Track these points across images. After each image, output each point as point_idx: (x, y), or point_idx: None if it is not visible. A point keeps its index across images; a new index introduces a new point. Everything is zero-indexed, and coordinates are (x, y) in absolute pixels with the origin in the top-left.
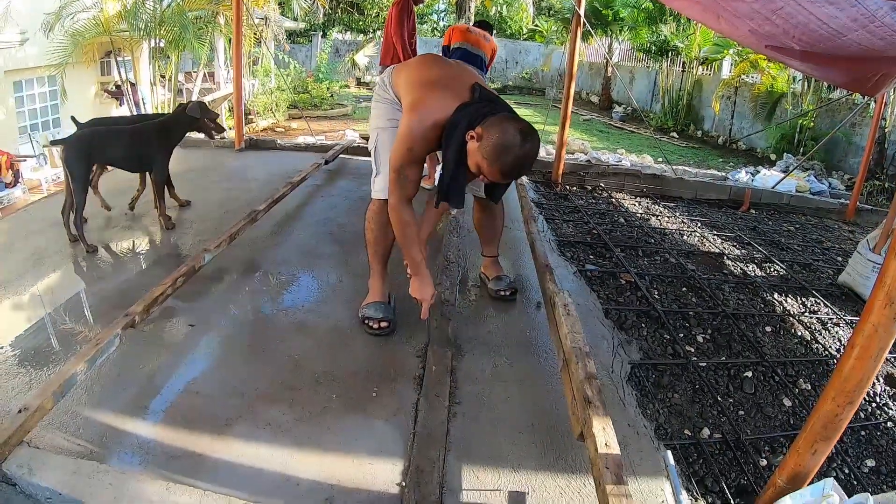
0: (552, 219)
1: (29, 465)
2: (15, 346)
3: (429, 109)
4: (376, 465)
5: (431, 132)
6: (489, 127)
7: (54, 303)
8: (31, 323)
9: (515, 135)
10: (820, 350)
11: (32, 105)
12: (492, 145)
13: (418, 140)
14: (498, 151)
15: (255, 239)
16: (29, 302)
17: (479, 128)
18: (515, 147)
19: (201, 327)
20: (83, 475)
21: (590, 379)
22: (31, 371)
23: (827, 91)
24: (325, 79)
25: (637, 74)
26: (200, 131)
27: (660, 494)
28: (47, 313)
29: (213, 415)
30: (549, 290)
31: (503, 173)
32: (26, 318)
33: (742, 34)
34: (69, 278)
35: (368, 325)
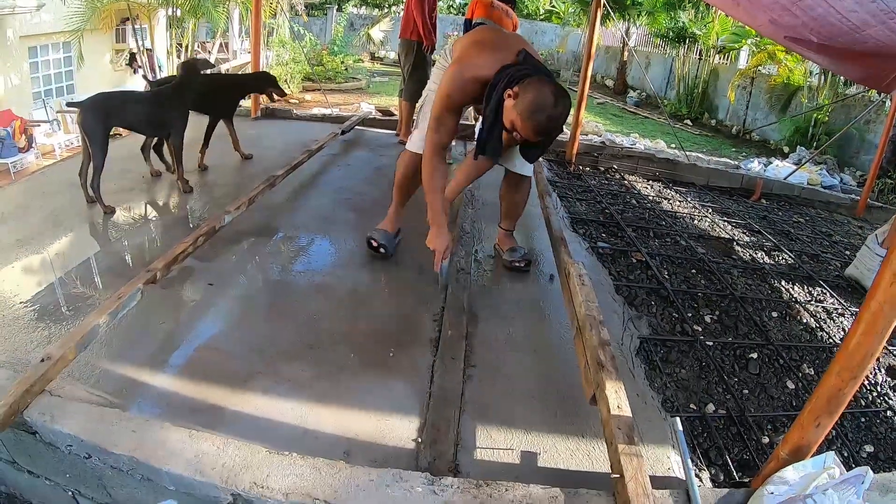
0: (565, 197)
1: (51, 413)
2: (34, 301)
3: (471, 64)
4: (393, 422)
5: (470, 85)
6: (526, 87)
7: (72, 261)
8: (50, 280)
9: (549, 96)
10: (824, 338)
11: (47, 71)
12: (527, 104)
13: (456, 89)
14: (532, 110)
15: (273, 204)
16: (47, 260)
17: (517, 87)
18: (549, 107)
19: (220, 287)
20: (106, 422)
21: (603, 345)
22: (51, 325)
23: (843, 86)
24: (339, 52)
25: (653, 60)
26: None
27: (666, 462)
28: (65, 271)
29: (233, 370)
30: (564, 262)
31: (535, 131)
32: (45, 275)
33: (761, 23)
34: (86, 238)
35: (370, 242)
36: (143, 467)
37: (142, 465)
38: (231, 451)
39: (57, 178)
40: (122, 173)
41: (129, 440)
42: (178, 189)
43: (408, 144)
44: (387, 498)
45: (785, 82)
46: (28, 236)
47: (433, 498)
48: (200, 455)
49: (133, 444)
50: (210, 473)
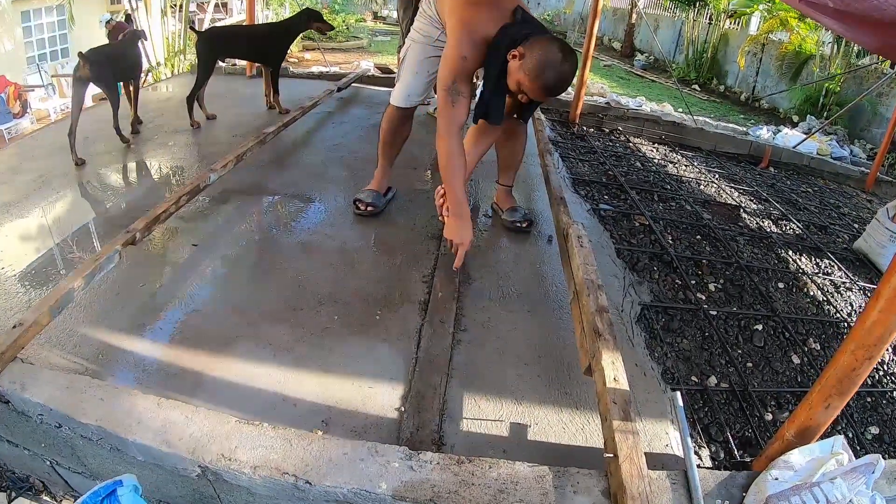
0: (567, 157)
1: (22, 381)
2: (16, 265)
3: (479, 22)
4: (376, 389)
5: (482, 45)
6: (531, 46)
7: (58, 223)
8: (34, 243)
9: (557, 53)
10: (831, 312)
11: (41, 35)
12: (534, 63)
13: (471, 50)
14: (540, 68)
15: (263, 162)
16: (32, 222)
17: (520, 47)
18: (557, 64)
19: (205, 247)
20: (75, 390)
21: (601, 312)
22: (31, 290)
23: (856, 57)
24: (341, 11)
25: (662, 23)
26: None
27: (664, 437)
28: (50, 233)
29: (214, 334)
30: (562, 222)
31: (545, 89)
32: (29, 238)
33: None
34: (73, 199)
35: (356, 205)
36: (110, 437)
37: (109, 435)
38: (199, 420)
39: (47, 140)
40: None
41: (97, 409)
42: (168, 148)
43: (391, 98)
44: (360, 473)
45: (797, 50)
46: (14, 199)
47: (410, 475)
48: (168, 424)
49: (101, 413)
50: (177, 444)
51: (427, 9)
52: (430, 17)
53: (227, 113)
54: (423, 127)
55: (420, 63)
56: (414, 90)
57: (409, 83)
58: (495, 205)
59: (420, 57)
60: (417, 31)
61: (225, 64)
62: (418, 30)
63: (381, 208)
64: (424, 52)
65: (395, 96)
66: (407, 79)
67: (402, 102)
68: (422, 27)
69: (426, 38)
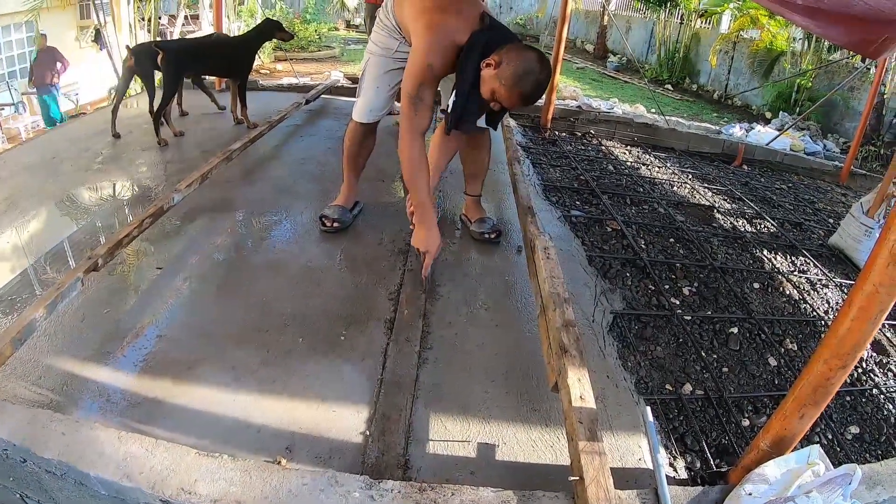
0: (539, 163)
1: None
2: None
3: (448, 29)
4: (341, 412)
5: (451, 52)
6: (507, 54)
7: (24, 247)
8: (3, 269)
9: (534, 62)
10: (808, 310)
11: (10, 52)
12: (511, 72)
13: (438, 57)
14: (517, 77)
15: (230, 178)
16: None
17: (495, 55)
18: (535, 73)
19: (170, 269)
20: (37, 424)
21: (567, 326)
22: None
23: (827, 52)
24: (312, 20)
25: (634, 24)
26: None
27: (637, 451)
28: (16, 258)
29: (177, 358)
30: (529, 233)
31: (523, 97)
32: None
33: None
34: (40, 222)
35: (322, 221)
36: (73, 471)
37: (72, 470)
38: (160, 454)
39: (15, 160)
40: (80, 153)
41: (58, 443)
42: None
43: (353, 113)
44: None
45: (768, 47)
46: None
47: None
48: (129, 458)
49: (62, 447)
50: (138, 478)
51: (385, 19)
52: (389, 27)
53: (196, 128)
54: (391, 137)
55: (380, 77)
56: (376, 105)
57: (370, 98)
58: (464, 216)
59: (380, 70)
60: (376, 44)
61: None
62: (377, 42)
63: (347, 224)
64: (384, 65)
65: (356, 111)
66: (368, 93)
67: (364, 118)
68: (380, 39)
69: (385, 51)
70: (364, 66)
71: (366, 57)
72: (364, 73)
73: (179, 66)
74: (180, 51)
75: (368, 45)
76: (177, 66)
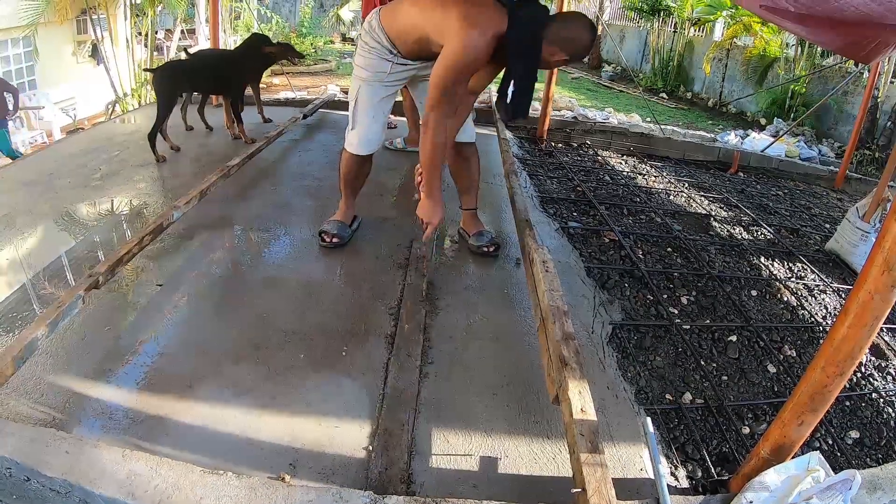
0: (536, 175)
1: None
2: None
3: (486, 21)
4: (343, 428)
5: (492, 44)
6: (562, 23)
7: (25, 265)
8: (1, 286)
9: (582, 17)
10: (806, 316)
11: (7, 67)
12: (570, 37)
13: (480, 52)
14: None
15: (228, 195)
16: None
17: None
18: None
19: (170, 286)
20: (40, 443)
21: (567, 339)
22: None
23: (820, 58)
24: (308, 34)
25: (628, 34)
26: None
27: (638, 462)
28: (18, 276)
29: (178, 376)
30: (528, 246)
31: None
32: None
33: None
34: (38, 239)
35: (322, 237)
36: (77, 490)
37: (76, 488)
38: (164, 472)
39: (13, 176)
40: (78, 169)
41: (62, 461)
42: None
43: (347, 144)
44: None
45: (761, 54)
46: None
47: None
48: (133, 476)
49: (66, 466)
50: (142, 496)
51: (371, 40)
52: (378, 48)
53: (193, 143)
54: (389, 152)
55: (376, 106)
56: (373, 137)
57: (367, 128)
58: (462, 230)
59: (374, 98)
60: (364, 69)
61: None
62: (365, 66)
63: (346, 239)
64: (378, 92)
65: (351, 143)
66: (364, 123)
67: (362, 150)
68: (369, 63)
69: (377, 75)
70: (355, 95)
71: (355, 84)
72: (357, 101)
73: (173, 86)
74: (172, 70)
75: (356, 71)
76: (170, 85)
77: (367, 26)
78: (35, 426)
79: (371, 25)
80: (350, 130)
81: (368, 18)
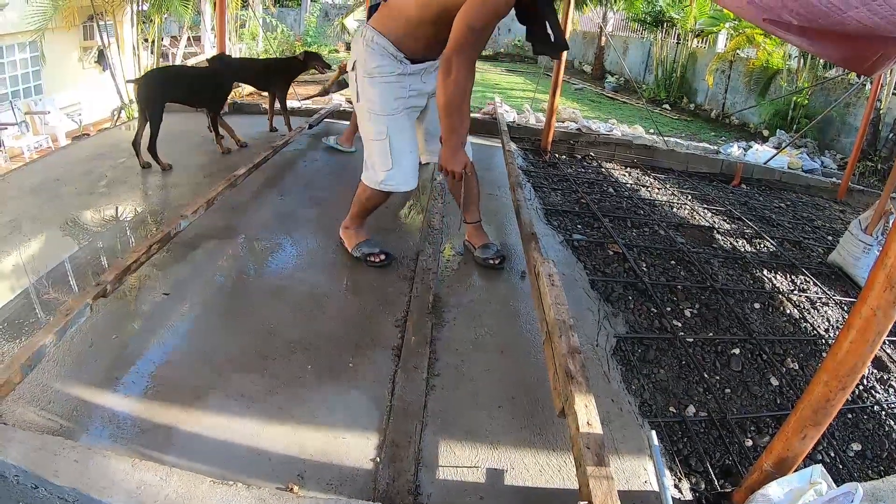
0: (540, 187)
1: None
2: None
3: None
4: (350, 439)
5: None
6: None
7: (31, 272)
8: (5, 293)
9: None
10: (808, 329)
11: (13, 72)
12: None
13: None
14: None
15: (234, 204)
16: (3, 271)
17: None
18: None
19: (176, 295)
20: (49, 451)
21: (573, 353)
22: (4, 344)
23: (823, 69)
24: (313, 43)
25: (631, 45)
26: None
27: (643, 474)
28: (24, 282)
29: (185, 385)
30: (533, 259)
31: None
32: (2, 287)
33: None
34: (45, 246)
35: (370, 259)
36: (85, 499)
37: (84, 497)
38: (174, 482)
39: (19, 182)
40: (83, 175)
41: (71, 470)
42: (140, 191)
43: (380, 184)
44: None
45: (764, 65)
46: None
47: None
48: (142, 486)
49: (75, 475)
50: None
51: (381, 59)
52: (385, 57)
53: (198, 151)
54: None
55: (410, 139)
56: (410, 169)
57: (403, 165)
58: (468, 242)
59: (406, 130)
60: (383, 100)
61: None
62: (383, 97)
63: (392, 254)
64: (404, 123)
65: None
66: (400, 161)
67: (409, 186)
68: (388, 91)
69: (402, 102)
70: (384, 134)
71: (377, 124)
72: (389, 139)
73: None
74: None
75: (368, 108)
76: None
77: (364, 48)
78: (43, 434)
79: (371, 42)
80: (386, 171)
81: (360, 41)
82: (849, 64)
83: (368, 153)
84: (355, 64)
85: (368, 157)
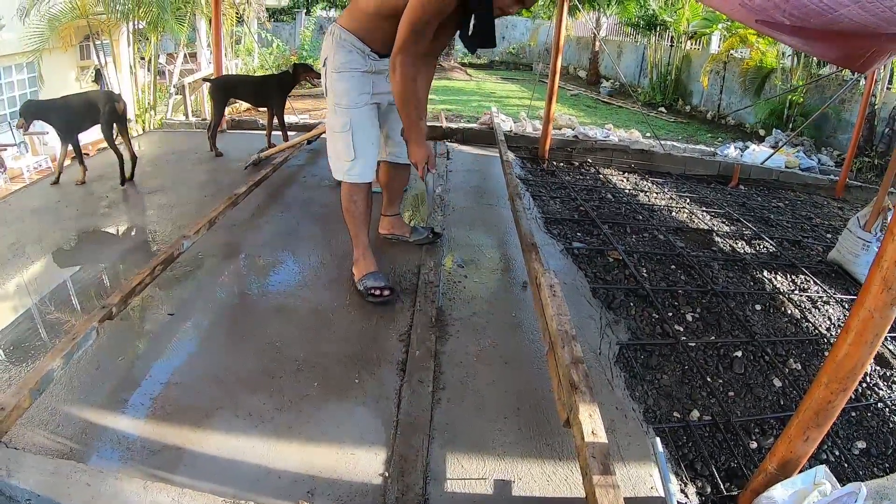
0: (539, 195)
1: (7, 467)
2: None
3: None
4: (359, 455)
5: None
6: None
7: (35, 293)
8: (9, 316)
9: None
10: (810, 329)
11: (11, 93)
12: None
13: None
14: None
15: (235, 223)
16: (8, 293)
17: None
18: None
19: (181, 315)
20: (61, 475)
21: (576, 363)
22: (11, 367)
23: (817, 67)
24: (309, 57)
25: (625, 49)
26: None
27: (648, 480)
28: (28, 305)
29: (193, 405)
30: (534, 270)
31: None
32: (5, 310)
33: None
34: (48, 268)
35: (373, 293)
36: None
37: None
38: (186, 503)
39: (21, 204)
40: (85, 196)
41: (83, 493)
42: (142, 210)
43: (346, 176)
44: None
45: (758, 65)
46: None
47: None
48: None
49: (87, 499)
50: None
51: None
52: (352, 53)
53: (198, 169)
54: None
55: (372, 128)
56: (371, 162)
57: (366, 156)
58: (393, 235)
59: (371, 119)
60: (349, 93)
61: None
62: (350, 91)
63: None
64: (369, 116)
65: (355, 173)
66: (363, 152)
67: (367, 177)
68: (354, 85)
69: (365, 97)
70: (348, 126)
71: (342, 117)
72: (353, 132)
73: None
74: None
75: (336, 101)
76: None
77: (334, 43)
78: (55, 458)
79: (339, 39)
80: (349, 161)
81: (329, 38)
82: (842, 62)
83: (332, 146)
84: (326, 61)
85: (332, 150)
